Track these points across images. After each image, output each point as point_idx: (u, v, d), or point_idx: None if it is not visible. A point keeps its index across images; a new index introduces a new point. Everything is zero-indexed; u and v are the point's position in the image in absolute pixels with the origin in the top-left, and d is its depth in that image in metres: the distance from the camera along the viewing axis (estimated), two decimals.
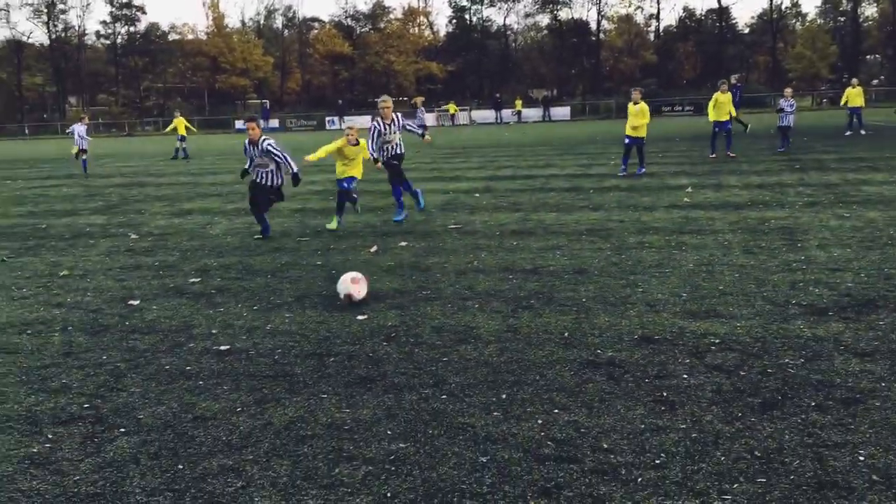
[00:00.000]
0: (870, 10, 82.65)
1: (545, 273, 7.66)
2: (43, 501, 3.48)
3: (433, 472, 3.62)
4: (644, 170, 16.52)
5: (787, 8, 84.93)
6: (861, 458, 3.56)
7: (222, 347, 5.68)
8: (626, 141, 16.54)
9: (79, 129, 24.27)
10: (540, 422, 4.12)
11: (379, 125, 11.26)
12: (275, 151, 10.17)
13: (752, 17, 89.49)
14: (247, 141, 10.46)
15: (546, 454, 3.75)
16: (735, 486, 3.36)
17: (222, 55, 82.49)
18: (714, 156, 19.57)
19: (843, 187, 12.99)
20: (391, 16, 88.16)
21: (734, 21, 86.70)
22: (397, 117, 11.45)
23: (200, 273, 8.39)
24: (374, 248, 9.31)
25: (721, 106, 19.78)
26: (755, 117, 48.50)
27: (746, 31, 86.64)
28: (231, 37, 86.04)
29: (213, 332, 6.10)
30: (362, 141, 11.04)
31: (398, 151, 11.50)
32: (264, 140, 10.21)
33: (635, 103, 16.49)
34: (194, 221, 12.20)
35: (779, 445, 3.72)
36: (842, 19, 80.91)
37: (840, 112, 33.33)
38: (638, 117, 16.41)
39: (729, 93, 20.16)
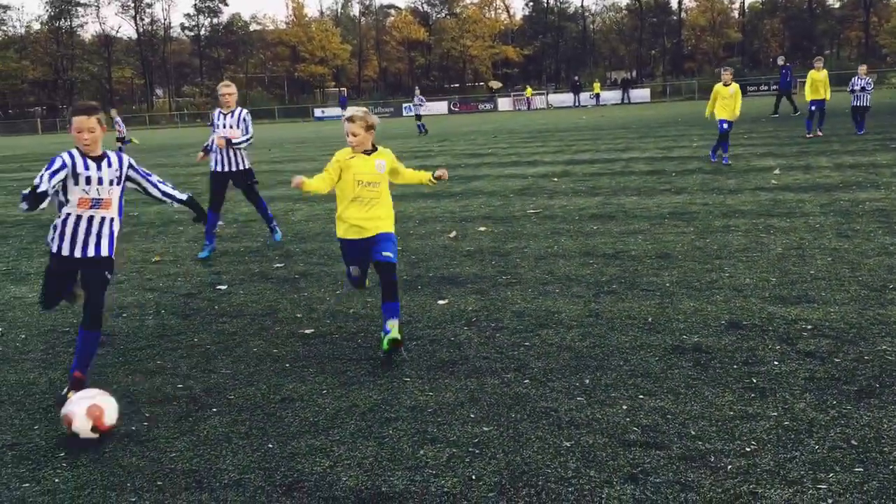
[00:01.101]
0: None
1: (627, 258, 7.55)
2: (142, 477, 3.63)
3: (517, 455, 3.62)
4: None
5: None
6: None
7: (307, 331, 5.80)
8: (725, 126, 15.26)
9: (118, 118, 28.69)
10: (625, 407, 4.07)
11: (214, 118, 8.85)
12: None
13: None
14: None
15: (632, 440, 3.70)
16: (831, 475, 3.25)
17: (301, 44, 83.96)
18: (811, 135, 18.88)
19: None
20: (467, 0, 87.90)
21: None
22: (239, 114, 8.74)
23: (284, 258, 8.57)
24: (453, 234, 9.34)
25: (816, 84, 19.09)
26: (845, 96, 46.54)
27: (837, 5, 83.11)
28: (310, 26, 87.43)
29: (298, 315, 6.23)
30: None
31: (241, 166, 8.83)
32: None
33: (726, 84, 15.39)
34: (276, 208, 12.47)
35: (877, 434, 3.58)
36: None
37: None
38: (732, 100, 15.31)
39: (824, 70, 19.43)
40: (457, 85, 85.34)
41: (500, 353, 5.04)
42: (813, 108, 19.22)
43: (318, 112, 69.64)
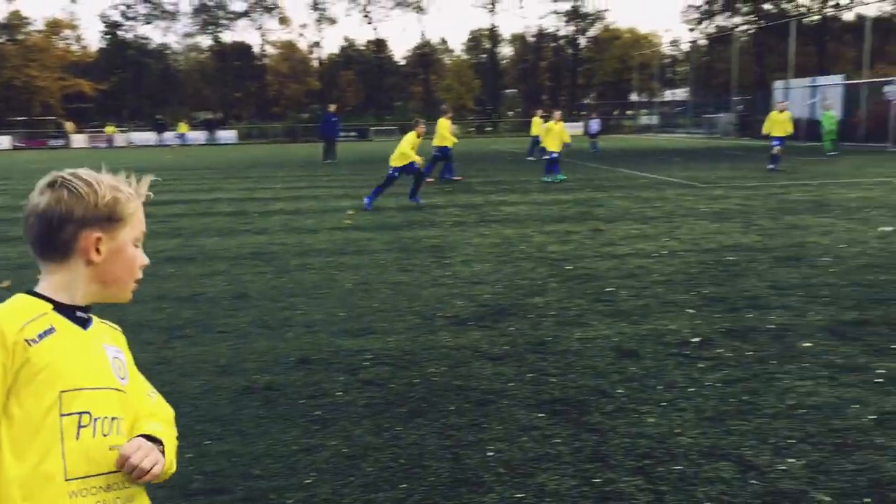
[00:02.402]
0: (506, 50, 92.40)
1: (203, 300, 7.41)
2: None
3: None
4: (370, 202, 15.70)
5: (436, 44, 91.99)
6: (490, 454, 3.91)
7: None
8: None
9: None
10: (189, 456, 3.95)
11: None
12: None
13: (408, 51, 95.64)
14: None
15: (195, 489, 3.60)
16: (380, 494, 3.51)
17: None
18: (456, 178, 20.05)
19: (485, 208, 14.32)
20: (31, 27, 79.92)
21: (391, 53, 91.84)
22: None
23: None
24: (6, 283, 8.31)
25: (443, 131, 20.34)
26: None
27: (403, 62, 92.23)
28: None
29: None
30: None
31: None
32: None
33: (419, 136, 15.39)
34: None
35: (421, 451, 3.96)
36: (483, 56, 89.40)
37: (477, 140, 36.58)
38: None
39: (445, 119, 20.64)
40: (24, 118, 76.85)
41: None
42: (437, 153, 20.17)
43: None
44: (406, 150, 14.81)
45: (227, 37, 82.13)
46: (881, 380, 4.77)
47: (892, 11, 67.15)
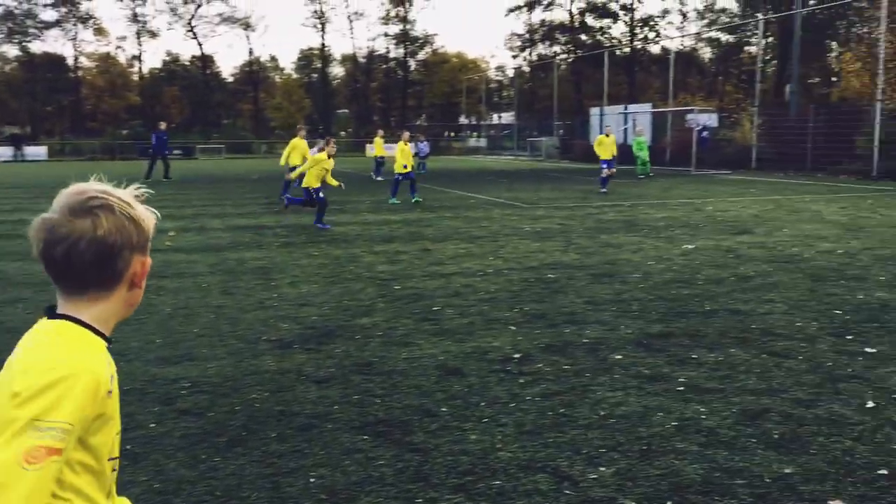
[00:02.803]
0: (337, 70, 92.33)
1: (2, 329, 6.81)
2: None
3: None
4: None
5: (266, 62, 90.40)
6: (312, 480, 3.83)
7: None
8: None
9: None
10: None
11: None
12: None
13: (236, 68, 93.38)
14: None
15: None
16: None
17: None
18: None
19: (314, 228, 14.15)
20: None
21: (219, 69, 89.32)
22: None
23: None
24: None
25: (297, 152, 19.89)
26: (241, 163, 50.46)
27: (231, 79, 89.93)
28: None
29: None
30: None
31: None
32: None
33: (331, 156, 14.64)
34: None
35: (239, 481, 3.81)
36: (314, 76, 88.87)
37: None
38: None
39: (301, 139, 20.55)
40: None
41: None
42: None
43: None
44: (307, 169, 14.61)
45: (37, 47, 76.75)
46: (682, 388, 5.12)
47: (692, 46, 73.23)
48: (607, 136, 22.54)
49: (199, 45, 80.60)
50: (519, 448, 4.18)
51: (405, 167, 19.75)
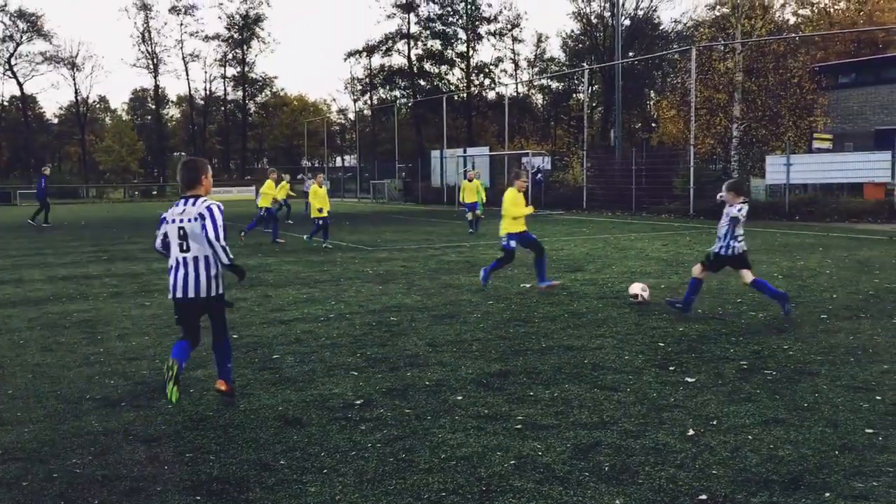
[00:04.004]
0: (173, 111, 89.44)
1: None
2: None
3: None
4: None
5: (94, 102, 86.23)
6: None
7: None
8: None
9: None
10: None
11: None
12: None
13: (61, 108, 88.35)
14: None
15: None
16: None
17: None
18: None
19: (147, 276, 13.50)
20: None
21: (42, 110, 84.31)
22: None
23: None
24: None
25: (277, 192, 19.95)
26: (66, 208, 47.60)
27: (56, 121, 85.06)
28: None
29: None
30: None
31: None
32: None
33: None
34: None
35: None
36: (148, 117, 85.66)
37: (141, 204, 34.86)
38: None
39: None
40: None
41: None
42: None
43: None
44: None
45: None
46: (520, 426, 5.24)
47: (524, 92, 76.66)
48: (470, 181, 23.52)
49: (20, 84, 75.46)
50: (360, 497, 4.11)
51: (320, 210, 19.00)
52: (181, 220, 5.64)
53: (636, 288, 10.09)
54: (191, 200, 5.70)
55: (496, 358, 7.18)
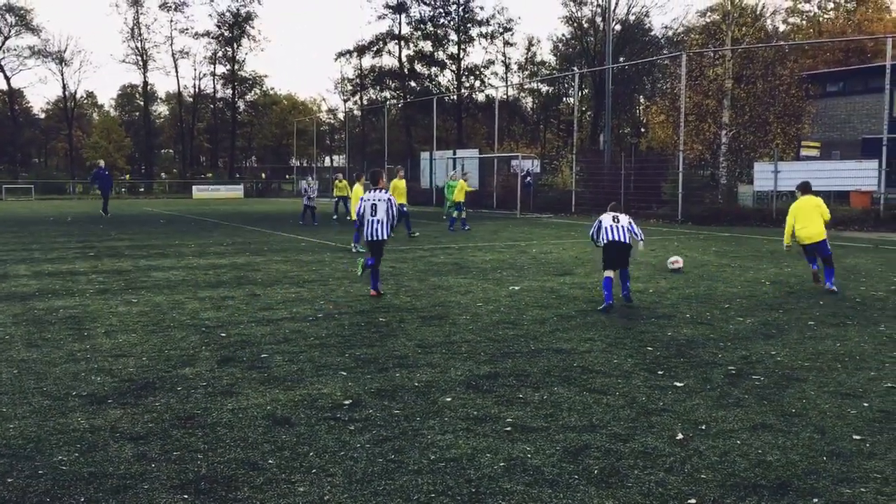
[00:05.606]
0: (161, 108, 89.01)
1: None
2: None
3: None
4: None
5: (82, 97, 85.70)
6: None
7: None
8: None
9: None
10: None
11: None
12: None
13: (48, 103, 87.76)
14: None
15: None
16: None
17: None
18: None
19: (135, 273, 13.42)
20: None
21: (29, 104, 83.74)
22: None
23: None
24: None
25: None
26: (52, 204, 47.29)
27: (43, 116, 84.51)
28: None
29: None
30: None
31: None
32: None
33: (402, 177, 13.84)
34: None
35: None
36: (136, 114, 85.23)
37: (129, 201, 34.63)
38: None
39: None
40: None
41: None
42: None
43: None
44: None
45: None
46: (510, 428, 5.23)
47: (514, 95, 76.76)
48: (454, 180, 24.58)
49: (7, 79, 74.88)
50: (349, 498, 4.09)
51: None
52: (373, 200, 10.90)
53: (678, 261, 13.63)
54: (376, 189, 11.06)
55: (485, 360, 7.17)
